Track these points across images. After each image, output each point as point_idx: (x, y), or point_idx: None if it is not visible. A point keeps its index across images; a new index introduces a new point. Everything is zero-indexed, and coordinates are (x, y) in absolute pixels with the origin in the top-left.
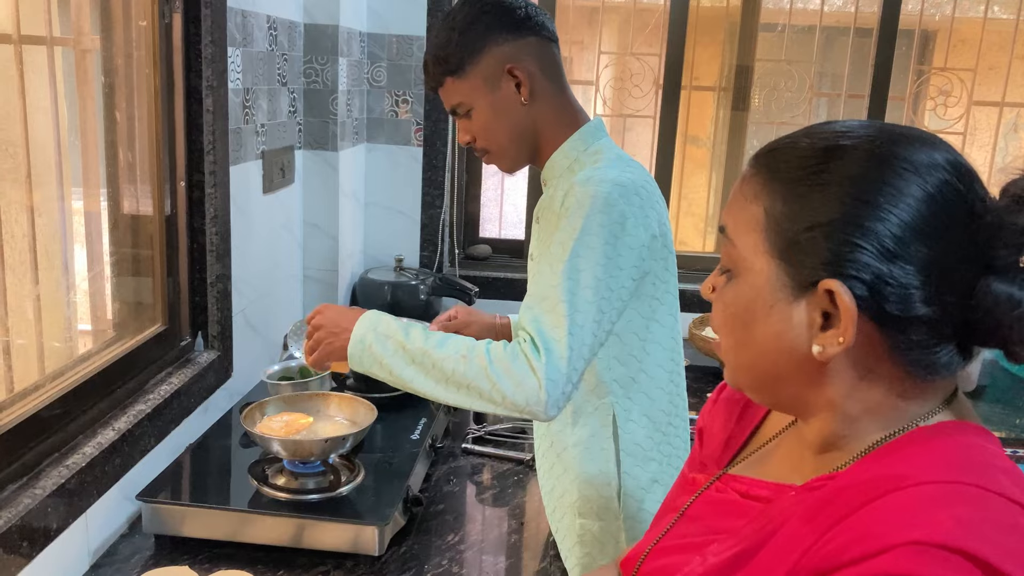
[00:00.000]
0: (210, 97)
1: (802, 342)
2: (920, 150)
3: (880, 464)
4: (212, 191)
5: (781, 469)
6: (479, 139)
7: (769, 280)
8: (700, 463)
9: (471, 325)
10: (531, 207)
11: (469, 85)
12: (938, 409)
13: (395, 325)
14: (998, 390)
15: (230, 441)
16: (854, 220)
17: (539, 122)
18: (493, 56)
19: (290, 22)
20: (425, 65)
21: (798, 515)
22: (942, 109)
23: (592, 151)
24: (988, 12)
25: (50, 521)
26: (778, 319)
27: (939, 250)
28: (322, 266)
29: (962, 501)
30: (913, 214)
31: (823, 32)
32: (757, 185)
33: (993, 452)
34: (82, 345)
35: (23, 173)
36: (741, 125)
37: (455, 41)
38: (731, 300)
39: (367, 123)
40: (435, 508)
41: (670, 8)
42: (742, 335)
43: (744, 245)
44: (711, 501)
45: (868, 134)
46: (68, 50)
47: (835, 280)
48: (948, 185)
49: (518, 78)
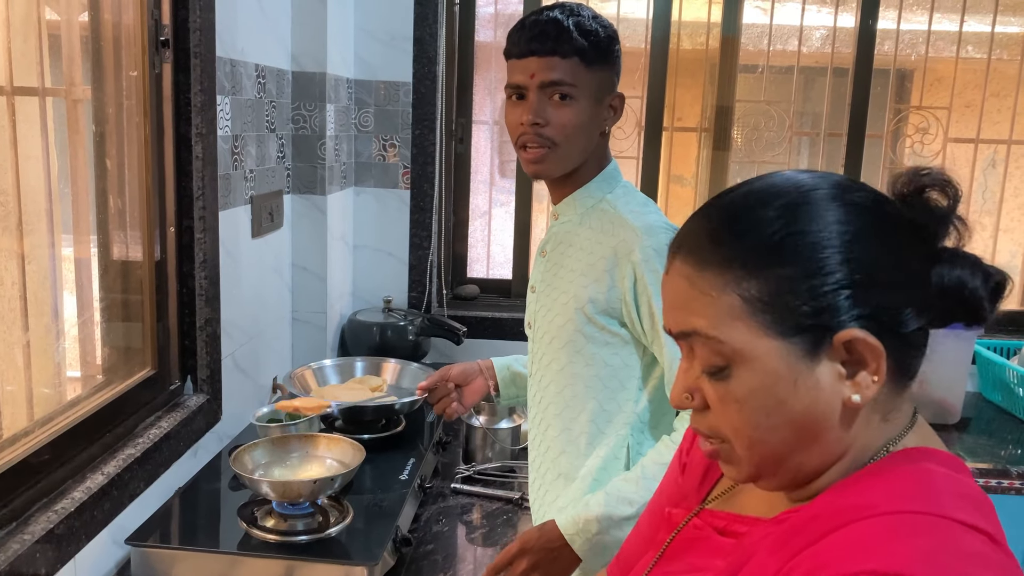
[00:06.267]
0: (199, 144)
1: (837, 399)
2: (826, 187)
3: (846, 494)
4: (201, 236)
5: (758, 503)
6: (556, 130)
7: (782, 358)
8: (678, 497)
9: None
10: (519, 246)
11: (588, 79)
12: (904, 433)
13: (584, 509)
14: (982, 421)
15: (219, 484)
16: (827, 269)
17: (591, 154)
18: (613, 76)
19: (278, 70)
20: (554, 26)
21: (765, 547)
22: (919, 146)
23: (620, 191)
24: (962, 51)
25: (38, 567)
26: (807, 389)
27: (901, 263)
28: (311, 308)
29: (922, 531)
30: (868, 238)
31: (801, 72)
32: (712, 277)
33: (956, 479)
34: (71, 391)
35: (14, 221)
36: (723, 164)
37: (602, 36)
38: (746, 395)
39: (355, 167)
40: (425, 548)
41: (651, 52)
42: (769, 422)
43: (735, 338)
44: (690, 539)
45: (784, 188)
46: (60, 100)
47: (849, 329)
48: (873, 201)
49: (616, 109)
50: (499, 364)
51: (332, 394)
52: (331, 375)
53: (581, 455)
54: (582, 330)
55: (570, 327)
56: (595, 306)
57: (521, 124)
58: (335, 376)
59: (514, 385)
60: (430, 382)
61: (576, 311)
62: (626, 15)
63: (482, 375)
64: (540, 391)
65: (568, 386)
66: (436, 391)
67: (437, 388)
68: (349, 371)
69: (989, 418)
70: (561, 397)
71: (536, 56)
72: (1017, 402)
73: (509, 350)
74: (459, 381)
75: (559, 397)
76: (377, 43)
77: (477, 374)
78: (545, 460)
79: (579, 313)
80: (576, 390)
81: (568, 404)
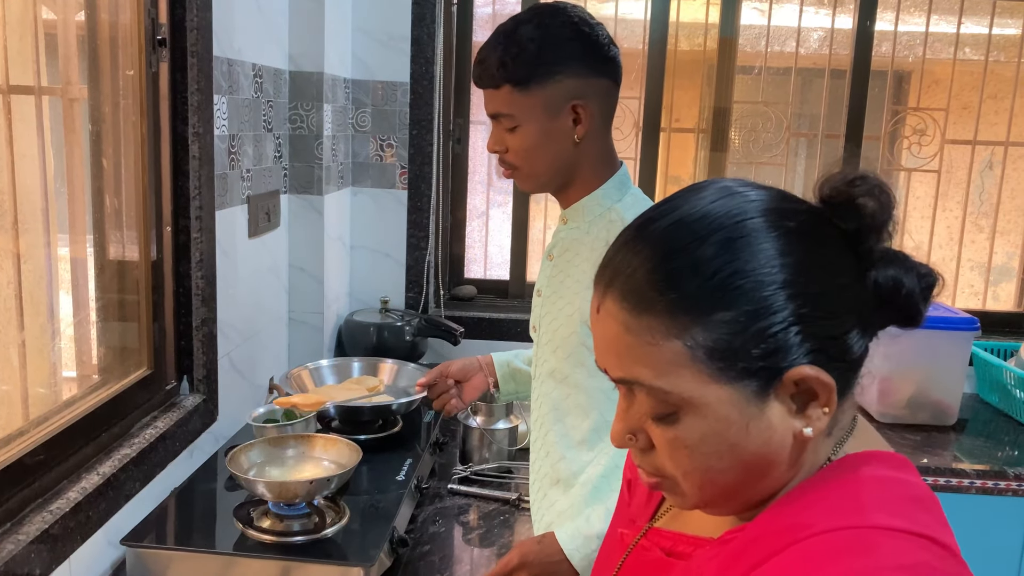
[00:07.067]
0: (196, 144)
1: (788, 434)
2: (759, 214)
3: (785, 512)
4: (198, 236)
5: (703, 522)
6: (513, 156)
7: (732, 403)
8: (628, 517)
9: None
10: (516, 247)
11: (527, 103)
12: (844, 439)
13: (584, 524)
14: (979, 423)
15: (215, 484)
16: (773, 308)
17: (581, 162)
18: (564, 86)
19: (275, 70)
20: (484, 60)
21: (711, 570)
22: (916, 148)
23: (629, 199)
24: (959, 53)
25: (33, 567)
26: (759, 431)
27: (842, 286)
28: (308, 308)
29: (858, 550)
30: (809, 268)
31: (799, 74)
32: (651, 324)
33: (896, 480)
34: (67, 390)
35: (9, 220)
36: (721, 165)
37: (531, 53)
38: (696, 441)
39: (352, 167)
40: (421, 549)
41: (649, 53)
42: (721, 465)
43: (681, 387)
44: (639, 560)
45: (717, 218)
46: (56, 99)
47: (799, 367)
48: (808, 224)
49: (579, 116)
50: (499, 360)
51: (329, 394)
52: (328, 375)
53: (582, 462)
54: (585, 343)
55: (573, 339)
56: None
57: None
58: (332, 376)
59: (514, 381)
60: (429, 378)
61: (580, 324)
62: (624, 16)
63: (482, 371)
64: (543, 395)
65: (571, 395)
66: (435, 387)
67: (436, 384)
68: (346, 372)
69: (986, 419)
70: (564, 404)
71: (482, 89)
72: (1014, 403)
73: (506, 350)
74: (458, 377)
75: (562, 404)
76: (374, 43)
77: (477, 370)
78: (544, 464)
79: (583, 326)
80: (579, 399)
81: (570, 411)
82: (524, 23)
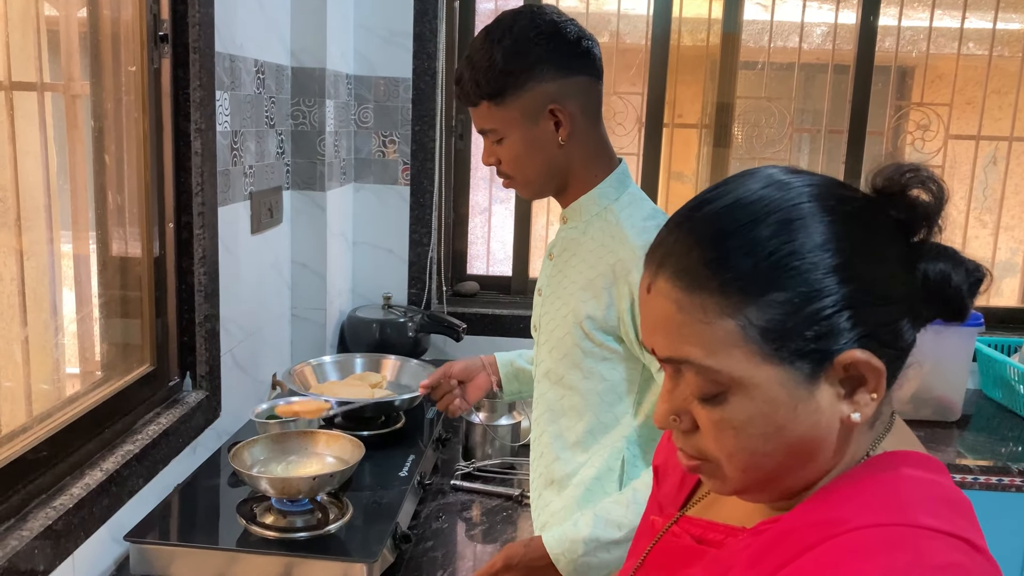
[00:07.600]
0: (198, 140)
1: (835, 419)
2: (814, 198)
3: (822, 506)
4: (200, 232)
5: (735, 510)
6: (505, 166)
7: (782, 384)
8: (658, 504)
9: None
10: (519, 243)
11: (505, 115)
12: (883, 435)
13: (572, 528)
14: (983, 419)
15: (218, 480)
16: (826, 291)
17: (572, 162)
18: (538, 92)
19: (277, 66)
20: (459, 80)
21: (743, 561)
22: (920, 143)
23: (626, 199)
24: (963, 48)
25: (37, 563)
26: (807, 414)
27: (894, 273)
28: (310, 305)
29: (895, 546)
30: (862, 253)
31: (802, 69)
32: (705, 302)
33: (931, 482)
34: (70, 387)
35: (12, 217)
36: (724, 161)
37: (498, 66)
38: (744, 422)
39: (355, 163)
40: (424, 545)
41: (652, 48)
42: (767, 447)
43: (731, 365)
44: (668, 547)
45: (773, 201)
46: (58, 95)
47: (851, 351)
48: (861, 208)
49: (559, 119)
50: (502, 359)
51: (331, 391)
52: (330, 372)
53: (576, 463)
54: (580, 344)
55: (569, 340)
56: (593, 323)
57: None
58: (334, 373)
59: (517, 381)
60: (432, 380)
61: (575, 325)
62: (627, 11)
63: (485, 371)
64: (540, 395)
65: (566, 396)
66: (439, 388)
67: (440, 385)
68: (348, 368)
69: (990, 415)
70: (559, 405)
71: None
72: (1018, 399)
73: (509, 347)
74: (461, 377)
75: (557, 404)
76: (377, 39)
77: (480, 370)
78: (540, 464)
79: (577, 328)
80: (573, 401)
81: (565, 413)
82: (491, 33)
